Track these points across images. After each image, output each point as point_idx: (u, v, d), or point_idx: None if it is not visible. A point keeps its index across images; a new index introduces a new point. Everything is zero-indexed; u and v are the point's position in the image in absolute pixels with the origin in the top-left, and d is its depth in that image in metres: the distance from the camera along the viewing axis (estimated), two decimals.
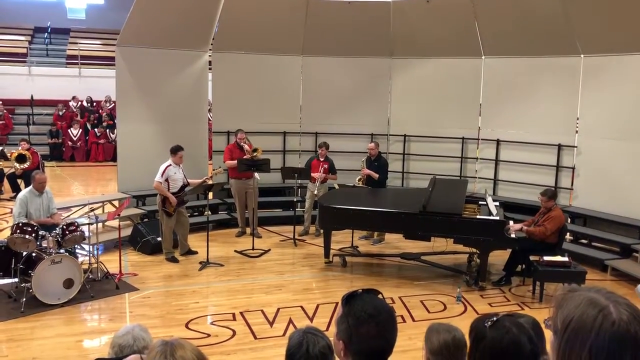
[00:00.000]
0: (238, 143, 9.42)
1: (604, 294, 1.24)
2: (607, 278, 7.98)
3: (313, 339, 2.18)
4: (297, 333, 2.27)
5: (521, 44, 9.75)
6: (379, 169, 9.34)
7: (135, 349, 2.88)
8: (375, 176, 9.26)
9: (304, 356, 2.14)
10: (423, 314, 6.60)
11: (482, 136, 10.63)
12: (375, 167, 9.36)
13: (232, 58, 10.71)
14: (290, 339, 2.26)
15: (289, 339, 2.26)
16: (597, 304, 1.21)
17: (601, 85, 9.05)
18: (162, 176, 8.06)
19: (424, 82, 10.90)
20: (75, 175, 14.96)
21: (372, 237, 9.57)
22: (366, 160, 9.51)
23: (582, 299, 1.24)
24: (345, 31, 10.65)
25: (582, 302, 1.23)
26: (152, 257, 8.38)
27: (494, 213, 7.53)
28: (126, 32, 9.67)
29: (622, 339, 1.18)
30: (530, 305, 6.91)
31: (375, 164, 9.39)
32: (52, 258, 6.39)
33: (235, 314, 6.47)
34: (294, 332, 2.34)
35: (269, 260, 8.51)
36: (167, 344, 1.75)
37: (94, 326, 6.30)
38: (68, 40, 21.55)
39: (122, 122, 10.02)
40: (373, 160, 9.43)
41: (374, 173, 9.28)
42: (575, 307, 1.23)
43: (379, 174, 9.29)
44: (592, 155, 9.23)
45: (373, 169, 9.35)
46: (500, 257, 7.98)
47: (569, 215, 9.17)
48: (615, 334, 1.18)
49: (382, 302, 1.77)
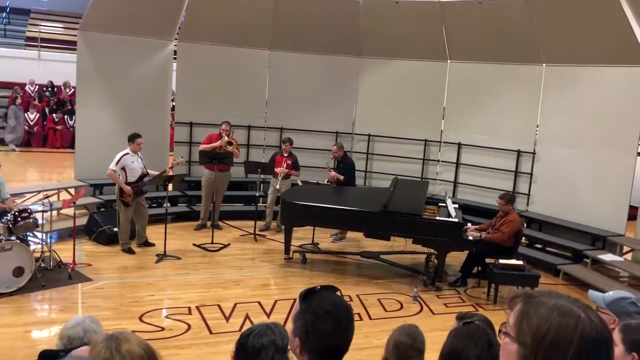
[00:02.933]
0: (220, 133, 9.25)
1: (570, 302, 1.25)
2: (559, 282, 8.20)
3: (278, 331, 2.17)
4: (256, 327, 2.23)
5: (486, 50, 9.93)
6: (345, 170, 9.35)
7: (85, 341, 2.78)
8: (341, 178, 9.27)
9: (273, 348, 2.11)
10: (380, 312, 6.64)
11: (444, 139, 10.78)
12: (341, 168, 9.37)
13: (198, 48, 10.55)
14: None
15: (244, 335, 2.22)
16: (570, 312, 1.21)
17: (561, 95, 9.29)
18: (116, 164, 7.87)
19: (390, 82, 10.98)
20: (30, 161, 14.52)
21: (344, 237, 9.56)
22: (333, 162, 9.50)
23: (550, 308, 1.22)
24: (314, 28, 10.63)
25: (554, 312, 1.21)
26: (107, 248, 8.20)
27: (453, 215, 7.66)
28: (89, 16, 9.42)
29: (601, 343, 1.20)
30: (485, 307, 7.03)
31: (341, 165, 9.40)
32: (1, 245, 6.17)
33: (191, 308, 6.38)
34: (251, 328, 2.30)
35: (228, 255, 8.43)
36: (112, 338, 1.67)
37: (43, 316, 6.12)
38: (28, 22, 20.84)
39: (81, 108, 9.75)
40: (339, 162, 9.44)
41: (340, 175, 9.28)
42: (546, 317, 1.21)
43: (345, 175, 9.30)
44: (550, 162, 9.47)
45: (340, 170, 9.36)
46: (457, 258, 8.11)
47: (525, 220, 9.39)
48: (596, 340, 1.19)
49: (340, 299, 1.76)
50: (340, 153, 9.46)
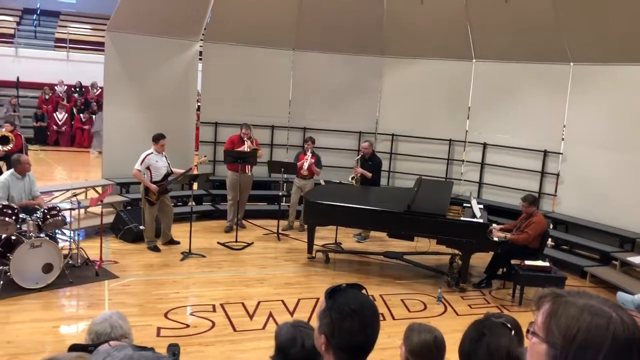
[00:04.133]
0: (242, 137, 9.30)
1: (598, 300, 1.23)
2: (585, 284, 8.06)
3: (307, 333, 2.17)
4: (287, 328, 2.24)
5: (512, 49, 9.81)
6: (373, 168, 9.32)
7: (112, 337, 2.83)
8: (369, 175, 9.25)
9: (300, 351, 2.12)
10: (403, 313, 6.62)
11: (469, 139, 10.68)
12: (369, 166, 9.34)
13: (223, 49, 10.64)
14: (279, 334, 2.22)
15: (277, 334, 2.23)
16: (602, 312, 1.19)
17: (589, 94, 9.13)
18: (141, 164, 7.99)
19: (414, 82, 10.92)
20: (59, 160, 14.79)
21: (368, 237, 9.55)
22: (360, 159, 9.49)
23: (580, 308, 1.20)
24: (337, 28, 10.63)
25: (584, 312, 1.19)
26: (133, 246, 8.31)
27: (478, 216, 7.58)
28: (117, 18, 9.56)
29: (633, 344, 1.17)
30: (510, 309, 6.96)
31: (369, 163, 9.38)
32: (31, 242, 6.31)
33: (215, 306, 6.44)
34: (282, 327, 2.31)
35: (252, 254, 8.48)
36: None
37: (71, 312, 6.23)
38: (57, 24, 21.27)
39: (109, 108, 9.91)
40: (367, 159, 9.42)
41: (367, 172, 9.26)
42: (576, 317, 1.19)
43: (372, 174, 9.27)
44: (577, 162, 9.32)
45: (367, 167, 9.33)
46: (482, 259, 8.03)
47: (552, 221, 9.25)
48: (628, 341, 1.17)
49: (365, 297, 1.76)
50: (370, 150, 9.44)
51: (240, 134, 9.29)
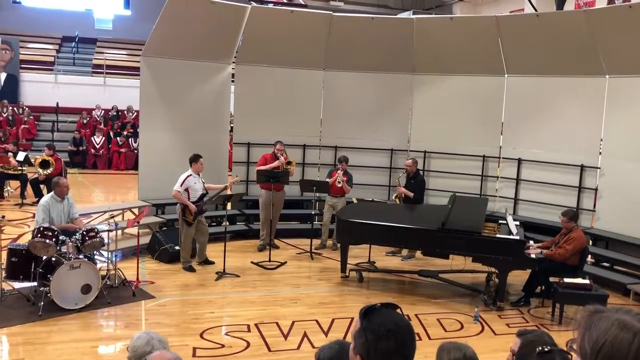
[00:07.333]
0: (275, 154, 9.45)
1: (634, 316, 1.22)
2: (629, 302, 7.80)
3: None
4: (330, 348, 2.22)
5: (545, 63, 9.68)
6: (415, 186, 9.27)
7: None
8: (410, 195, 9.19)
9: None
10: (440, 333, 6.52)
11: (503, 155, 10.54)
12: (412, 184, 9.30)
13: (254, 71, 10.80)
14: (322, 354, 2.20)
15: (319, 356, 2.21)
16: (630, 327, 1.19)
17: (626, 107, 8.93)
18: (181, 186, 8.12)
19: (445, 98, 10.86)
20: (96, 183, 15.15)
21: (399, 253, 9.48)
22: (403, 177, 9.44)
23: (612, 322, 1.21)
24: (367, 47, 10.69)
25: (613, 325, 1.20)
26: (169, 266, 8.42)
27: (514, 232, 7.44)
28: (151, 43, 9.82)
29: None
30: (550, 328, 6.77)
31: (412, 182, 9.33)
32: (71, 263, 6.45)
33: (250, 326, 6.45)
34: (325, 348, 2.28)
35: (285, 273, 8.49)
36: None
37: (109, 332, 6.33)
38: (95, 50, 21.96)
39: (144, 131, 10.13)
40: (410, 178, 9.38)
41: (409, 192, 9.21)
42: (605, 330, 1.20)
43: (415, 193, 9.21)
44: (616, 176, 9.08)
45: (409, 186, 9.29)
46: (519, 277, 7.87)
47: (591, 237, 9.02)
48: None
49: (400, 317, 1.74)
50: (414, 168, 9.40)
51: (274, 150, 9.40)
